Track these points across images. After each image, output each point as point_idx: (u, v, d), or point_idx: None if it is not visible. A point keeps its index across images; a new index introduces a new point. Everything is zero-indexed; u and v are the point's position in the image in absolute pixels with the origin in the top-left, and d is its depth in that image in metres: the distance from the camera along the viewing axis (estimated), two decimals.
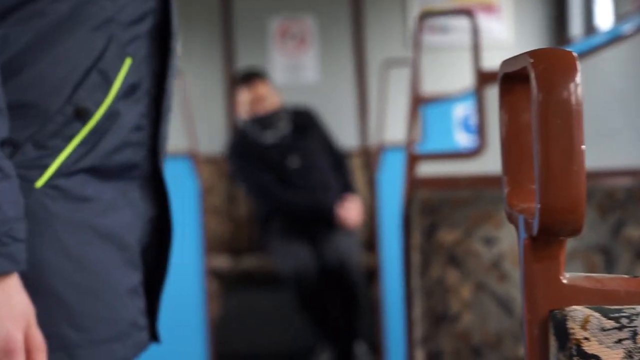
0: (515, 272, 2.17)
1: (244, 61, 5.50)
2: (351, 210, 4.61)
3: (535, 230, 0.81)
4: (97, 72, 1.28)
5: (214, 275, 4.77)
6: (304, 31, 5.51)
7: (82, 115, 1.27)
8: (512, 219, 0.90)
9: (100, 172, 1.29)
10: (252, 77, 4.85)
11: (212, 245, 5.26)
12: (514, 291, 2.17)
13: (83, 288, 1.27)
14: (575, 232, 0.80)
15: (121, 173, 1.32)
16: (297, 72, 5.48)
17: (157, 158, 1.38)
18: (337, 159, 4.83)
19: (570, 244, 2.18)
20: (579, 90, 0.79)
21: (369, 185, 4.87)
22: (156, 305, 1.44)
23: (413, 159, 2.27)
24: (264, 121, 4.78)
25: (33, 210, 1.24)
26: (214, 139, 5.47)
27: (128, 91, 1.31)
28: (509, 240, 2.18)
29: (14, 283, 1.18)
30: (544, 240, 0.83)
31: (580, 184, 0.79)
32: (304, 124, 4.85)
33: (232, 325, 4.86)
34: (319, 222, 4.68)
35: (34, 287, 1.23)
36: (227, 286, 4.88)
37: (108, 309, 1.30)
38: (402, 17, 5.51)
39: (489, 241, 2.20)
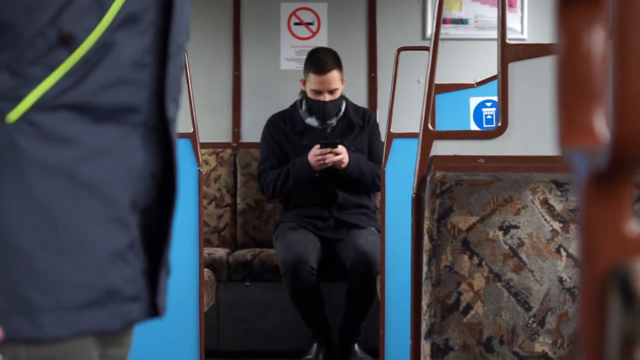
0: (533, 262, 2.02)
1: (253, 46, 5.37)
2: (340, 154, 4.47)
3: (605, 160, 0.67)
4: None
5: (208, 265, 4.64)
6: (315, 18, 5.38)
7: (68, 42, 1.10)
8: (566, 158, 0.77)
9: (88, 111, 1.12)
10: (326, 64, 4.53)
11: (209, 235, 5.14)
12: (531, 283, 2.02)
13: (51, 245, 1.09)
14: None
15: (115, 115, 1.15)
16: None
17: (163, 103, 1.21)
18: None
19: None
20: None
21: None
22: (156, 273, 1.24)
23: (428, 136, 2.12)
24: (318, 107, 4.60)
25: (0, 147, 1.09)
26: (217, 126, 5.32)
27: (127, 20, 1.15)
28: (528, 227, 2.03)
29: None
30: (612, 177, 0.70)
31: None
32: (356, 122, 4.68)
33: (223, 318, 4.72)
34: (337, 221, 4.56)
35: None
36: (222, 277, 4.75)
37: (79, 272, 1.11)
38: (419, 6, 5.39)
39: (506, 228, 2.05)
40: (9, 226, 1.08)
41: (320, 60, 4.56)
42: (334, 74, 4.55)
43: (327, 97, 4.56)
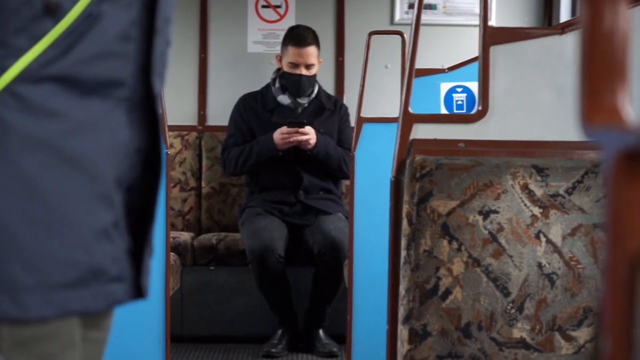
0: (512, 247, 2.01)
1: (220, 28, 5.32)
2: (307, 134, 4.46)
3: (637, 139, 0.65)
4: None
5: (173, 249, 4.60)
6: (283, 0, 5.34)
7: (53, 11, 1.06)
8: (589, 137, 0.75)
9: (73, 84, 1.08)
10: (306, 38, 4.60)
11: (174, 219, 5.10)
12: (510, 268, 2.01)
13: (35, 220, 1.05)
14: None
15: (100, 89, 1.11)
16: (274, 42, 5.30)
17: (149, 78, 1.17)
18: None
19: (575, 219, 2.02)
20: None
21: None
22: (140, 254, 1.20)
23: (408, 119, 2.10)
24: (294, 81, 4.59)
25: None
26: (182, 109, 5.27)
27: None
28: (507, 212, 2.01)
29: None
30: None
31: None
32: (327, 106, 4.68)
33: (187, 302, 4.69)
34: (303, 206, 4.54)
35: None
36: (186, 261, 4.70)
37: (64, 250, 1.08)
38: None
39: (486, 213, 2.03)
40: None
41: (300, 34, 4.62)
42: (312, 49, 4.60)
43: (304, 72, 4.56)
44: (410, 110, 2.13)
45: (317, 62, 4.64)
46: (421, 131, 2.14)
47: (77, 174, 1.09)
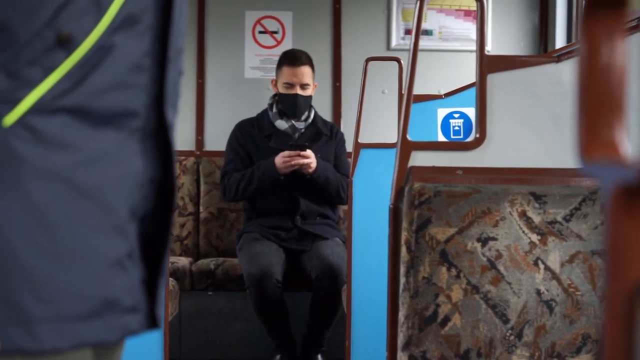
0: (511, 274, 2.02)
1: (218, 54, 5.35)
2: (308, 158, 4.48)
3: (636, 174, 0.66)
4: None
5: (171, 274, 4.60)
6: (280, 26, 5.37)
7: (66, 43, 1.07)
8: (587, 171, 0.76)
9: (86, 115, 1.08)
10: (300, 58, 4.67)
11: (172, 244, 5.10)
12: (509, 295, 2.02)
13: (48, 252, 1.05)
14: None
15: (113, 120, 1.11)
16: (272, 68, 5.32)
17: (162, 108, 1.18)
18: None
19: (573, 246, 2.03)
20: None
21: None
22: (154, 283, 1.20)
23: (407, 146, 2.11)
24: (290, 101, 4.60)
25: None
26: (180, 134, 5.28)
27: (126, 22, 1.11)
28: (506, 239, 2.02)
29: None
30: None
31: None
32: (323, 132, 4.70)
33: (185, 327, 4.68)
34: (300, 232, 4.55)
35: None
36: (184, 286, 4.71)
37: (77, 281, 1.08)
38: (384, 17, 5.40)
39: (484, 240, 2.04)
40: (6, 233, 1.04)
41: (294, 55, 4.69)
42: (307, 69, 4.65)
43: (299, 91, 4.61)
44: (409, 137, 2.14)
45: (312, 83, 4.68)
46: (419, 158, 2.15)
47: (89, 205, 1.10)
